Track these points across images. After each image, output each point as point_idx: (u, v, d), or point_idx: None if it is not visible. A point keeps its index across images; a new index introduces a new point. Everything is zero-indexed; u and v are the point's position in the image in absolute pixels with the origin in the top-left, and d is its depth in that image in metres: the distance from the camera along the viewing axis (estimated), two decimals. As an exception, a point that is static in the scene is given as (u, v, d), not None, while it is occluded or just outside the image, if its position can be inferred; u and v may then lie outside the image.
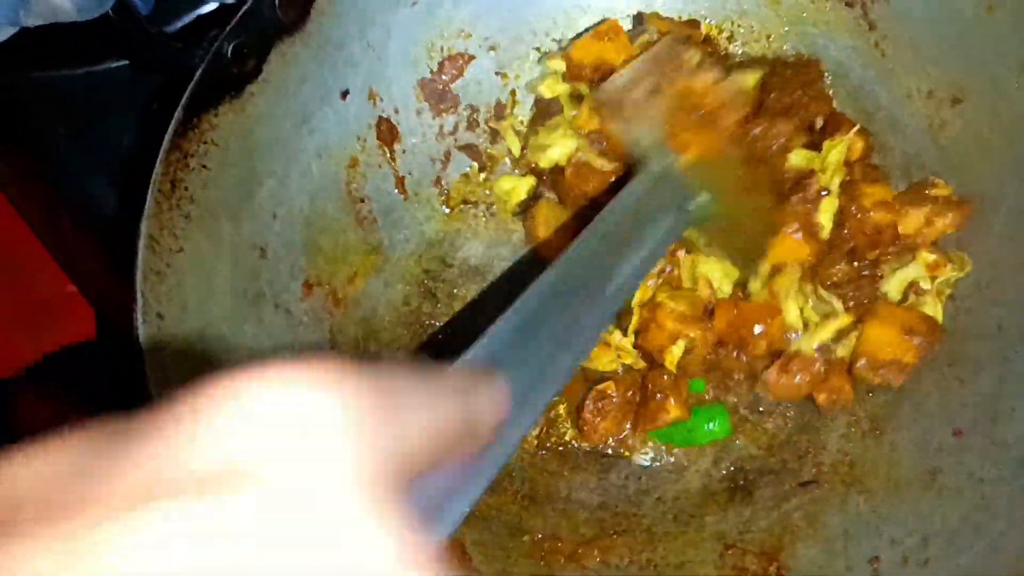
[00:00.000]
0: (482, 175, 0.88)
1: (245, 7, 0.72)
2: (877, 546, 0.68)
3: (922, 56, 0.76)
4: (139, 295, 0.65)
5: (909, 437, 0.72)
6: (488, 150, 0.88)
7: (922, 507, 0.68)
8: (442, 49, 0.84)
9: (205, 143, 0.71)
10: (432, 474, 0.29)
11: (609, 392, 0.76)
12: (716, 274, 0.73)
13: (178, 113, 0.70)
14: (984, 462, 0.66)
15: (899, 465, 0.71)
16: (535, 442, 0.80)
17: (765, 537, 0.73)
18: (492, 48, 0.86)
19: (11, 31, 0.68)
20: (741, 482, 0.76)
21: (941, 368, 0.72)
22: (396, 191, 0.84)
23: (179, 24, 0.77)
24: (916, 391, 0.73)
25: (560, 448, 0.79)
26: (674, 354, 0.71)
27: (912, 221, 0.71)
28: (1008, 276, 0.71)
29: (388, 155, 0.84)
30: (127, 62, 0.79)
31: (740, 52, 0.83)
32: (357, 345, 0.79)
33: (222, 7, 0.73)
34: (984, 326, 0.71)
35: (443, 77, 0.86)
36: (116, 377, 0.63)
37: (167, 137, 0.69)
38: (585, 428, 0.77)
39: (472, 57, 0.86)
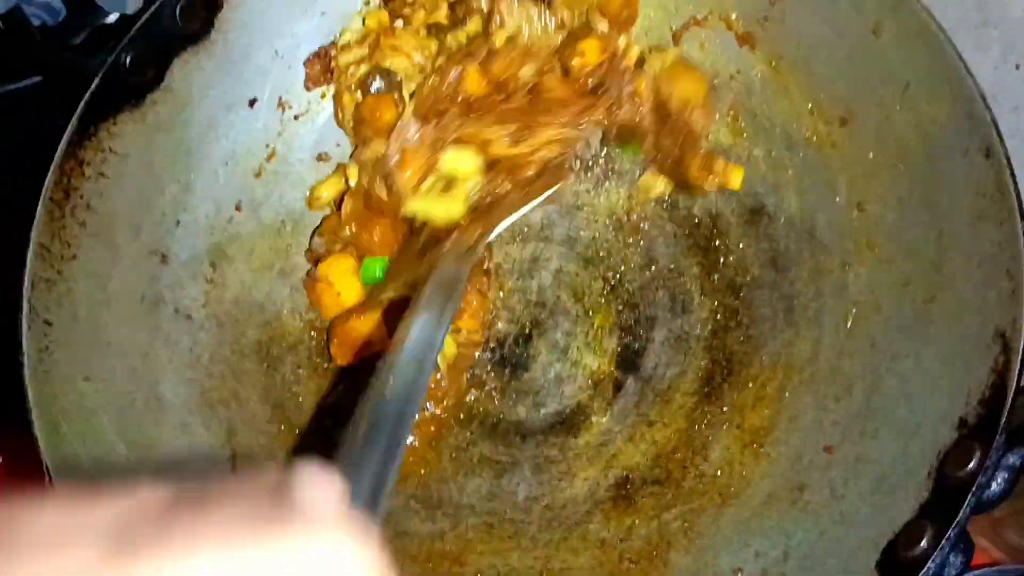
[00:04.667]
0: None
1: (144, 17, 0.74)
2: (743, 559, 0.70)
3: (814, 76, 0.77)
4: (25, 303, 0.67)
5: (784, 452, 0.73)
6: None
7: (787, 522, 0.69)
8: (354, 58, 0.85)
9: (103, 151, 0.73)
10: None
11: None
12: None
13: (73, 123, 0.71)
14: (847, 479, 0.68)
15: (772, 479, 0.72)
16: (431, 445, 0.81)
17: (643, 545, 0.74)
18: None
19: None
20: (626, 491, 0.77)
21: (818, 384, 0.74)
22: (304, 199, 0.85)
23: (82, 36, 0.79)
24: (794, 405, 0.75)
25: (454, 455, 0.81)
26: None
27: None
28: (883, 293, 0.72)
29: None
30: (40, 79, 0.81)
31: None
32: (259, 348, 0.81)
33: (124, 18, 0.75)
34: (859, 343, 0.72)
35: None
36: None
37: (60, 147, 0.70)
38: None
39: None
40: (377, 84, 0.83)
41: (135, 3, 0.72)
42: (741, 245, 0.83)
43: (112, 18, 0.78)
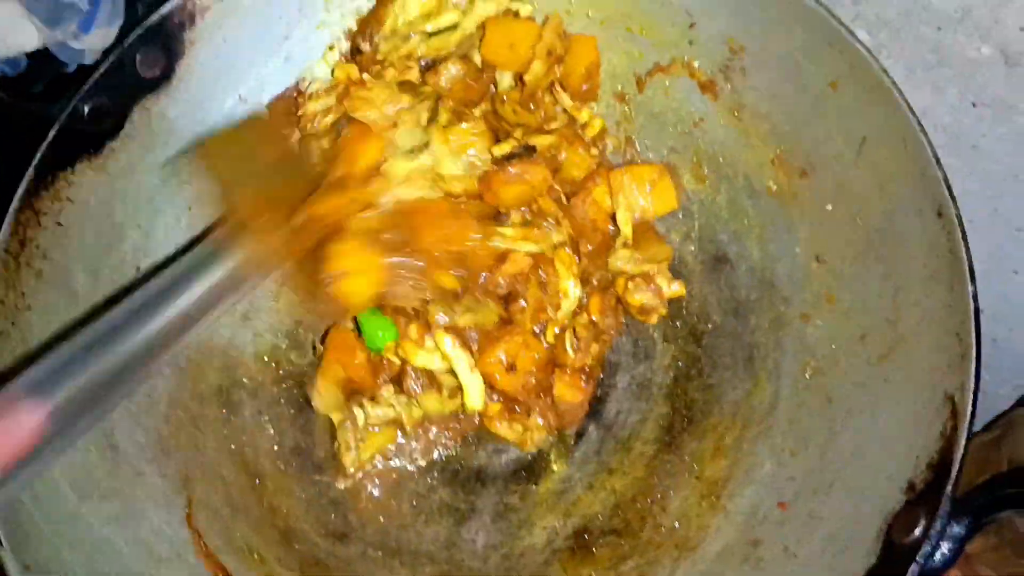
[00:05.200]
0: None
1: (103, 67, 0.74)
2: (695, 614, 0.69)
3: (775, 127, 0.77)
4: (-25, 357, 0.67)
5: (741, 505, 0.73)
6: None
7: (739, 579, 0.69)
8: (319, 100, 0.85)
9: (60, 200, 0.73)
10: None
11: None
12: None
13: (29, 173, 0.71)
14: (799, 536, 0.67)
15: (728, 532, 0.72)
16: (391, 493, 0.81)
17: (599, 598, 0.74)
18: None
19: None
20: (584, 541, 0.77)
21: (775, 437, 0.74)
22: (268, 241, 0.85)
23: (41, 85, 0.79)
24: (751, 457, 0.75)
25: (415, 502, 0.81)
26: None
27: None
28: (841, 347, 0.72)
29: (262, 205, 0.85)
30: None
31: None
32: (220, 393, 0.81)
33: (84, 67, 0.74)
34: (816, 397, 0.72)
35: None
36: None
37: (16, 198, 0.70)
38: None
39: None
40: (346, 132, 0.83)
41: (93, 55, 0.72)
42: (704, 292, 0.83)
43: (72, 67, 0.78)
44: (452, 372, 0.77)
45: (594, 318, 0.81)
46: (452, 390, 0.79)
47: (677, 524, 0.75)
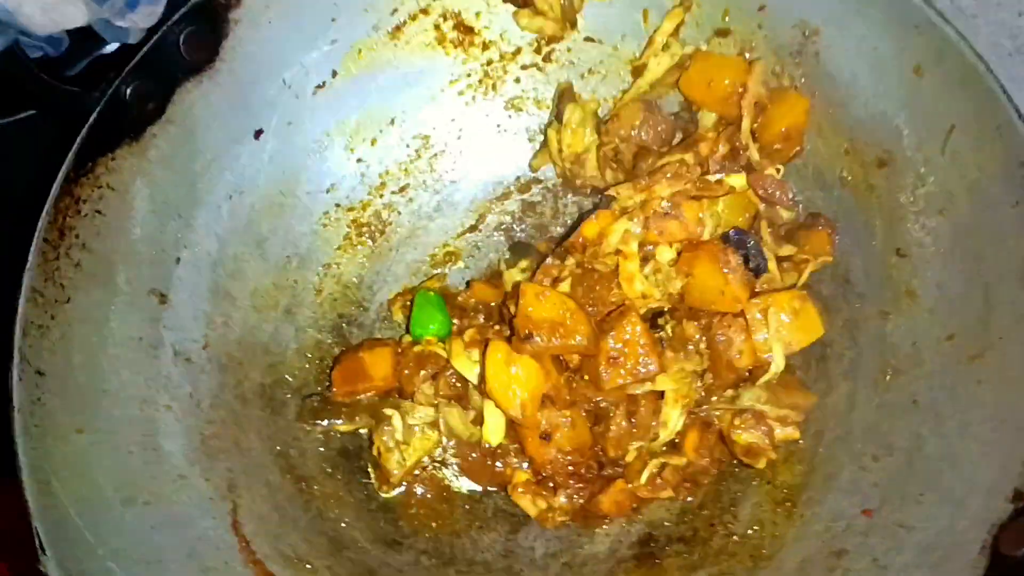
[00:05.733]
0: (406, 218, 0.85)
1: (146, 47, 0.70)
2: (776, 628, 0.66)
3: (850, 115, 0.73)
4: (16, 352, 0.63)
5: (819, 513, 0.70)
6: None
7: (819, 591, 0.65)
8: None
9: (100, 188, 0.69)
10: None
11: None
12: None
13: (69, 159, 0.67)
14: (888, 547, 0.64)
15: (807, 542, 0.69)
16: (441, 498, 0.77)
17: (670, 608, 0.70)
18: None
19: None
20: (650, 549, 0.74)
21: (855, 442, 0.70)
22: (313, 233, 0.81)
23: (80, 67, 0.75)
24: (830, 463, 0.71)
25: (468, 507, 0.77)
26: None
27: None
28: (925, 347, 0.68)
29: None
30: (34, 112, 0.77)
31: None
32: (263, 392, 0.77)
33: (125, 47, 0.70)
34: (898, 400, 0.68)
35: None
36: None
37: (56, 184, 0.66)
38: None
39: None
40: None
41: (138, 33, 0.68)
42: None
43: (112, 47, 0.74)
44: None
45: (689, 458, 0.73)
46: (477, 415, 0.74)
47: (750, 532, 0.72)
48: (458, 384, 0.75)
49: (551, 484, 0.73)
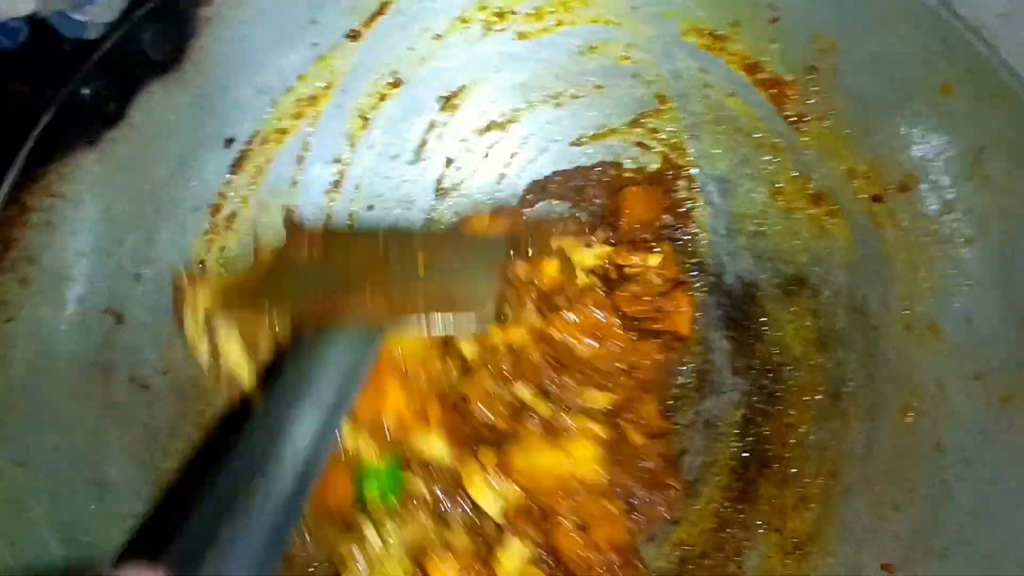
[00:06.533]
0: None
1: (107, 44, 0.64)
2: None
3: (868, 136, 0.68)
4: (-54, 376, 0.56)
5: (834, 565, 0.63)
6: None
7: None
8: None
9: (52, 196, 0.62)
10: None
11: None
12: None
13: (18, 163, 0.61)
14: (914, 609, 0.58)
15: (820, 599, 0.62)
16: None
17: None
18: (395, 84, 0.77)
19: None
20: (647, 601, 0.67)
21: (873, 487, 0.64)
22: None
23: (35, 64, 0.69)
24: (845, 510, 0.65)
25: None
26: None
27: None
28: (951, 387, 0.63)
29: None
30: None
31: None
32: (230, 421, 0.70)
33: (84, 44, 0.64)
34: (921, 443, 0.63)
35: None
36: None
37: (3, 191, 0.60)
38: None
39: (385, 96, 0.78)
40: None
41: (96, 29, 0.61)
42: (780, 320, 0.73)
43: (72, 43, 0.68)
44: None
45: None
46: (492, 536, 0.68)
47: (757, 587, 0.65)
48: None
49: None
